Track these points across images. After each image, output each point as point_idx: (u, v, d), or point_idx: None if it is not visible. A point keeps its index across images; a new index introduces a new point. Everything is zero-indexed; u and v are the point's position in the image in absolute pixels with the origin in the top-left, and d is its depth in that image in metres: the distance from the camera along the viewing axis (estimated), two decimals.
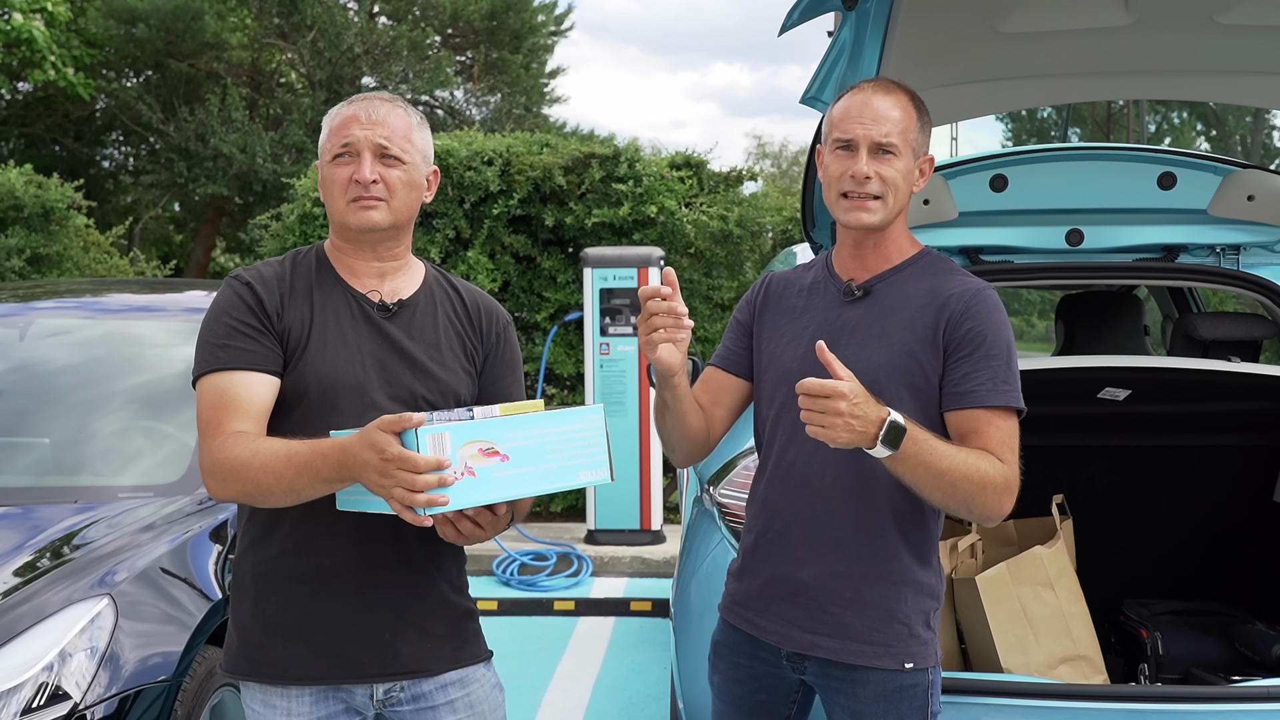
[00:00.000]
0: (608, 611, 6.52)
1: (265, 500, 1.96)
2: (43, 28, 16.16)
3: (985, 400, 2.12)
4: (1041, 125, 37.16)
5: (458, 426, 1.83)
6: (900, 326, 2.19)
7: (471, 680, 2.22)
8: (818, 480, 2.21)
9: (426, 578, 2.16)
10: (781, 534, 2.26)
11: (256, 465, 1.92)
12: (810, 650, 2.23)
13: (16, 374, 4.06)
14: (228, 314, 2.08)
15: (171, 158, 18.63)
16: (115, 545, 3.13)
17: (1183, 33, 2.84)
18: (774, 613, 2.27)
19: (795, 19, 2.71)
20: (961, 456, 2.05)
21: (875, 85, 2.25)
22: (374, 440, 1.79)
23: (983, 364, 2.13)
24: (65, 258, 9.47)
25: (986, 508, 2.09)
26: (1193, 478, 3.87)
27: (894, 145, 2.18)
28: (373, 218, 2.11)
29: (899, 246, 2.28)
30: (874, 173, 2.18)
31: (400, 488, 1.77)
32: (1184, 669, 3.49)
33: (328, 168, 2.13)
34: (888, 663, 2.18)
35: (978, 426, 2.13)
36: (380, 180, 2.10)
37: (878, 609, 2.19)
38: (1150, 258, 3.58)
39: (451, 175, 8.11)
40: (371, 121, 2.11)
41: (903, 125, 2.19)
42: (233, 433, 1.99)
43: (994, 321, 2.16)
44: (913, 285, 2.23)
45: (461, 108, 21.28)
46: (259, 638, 2.11)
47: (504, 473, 1.87)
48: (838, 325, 2.24)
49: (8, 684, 2.65)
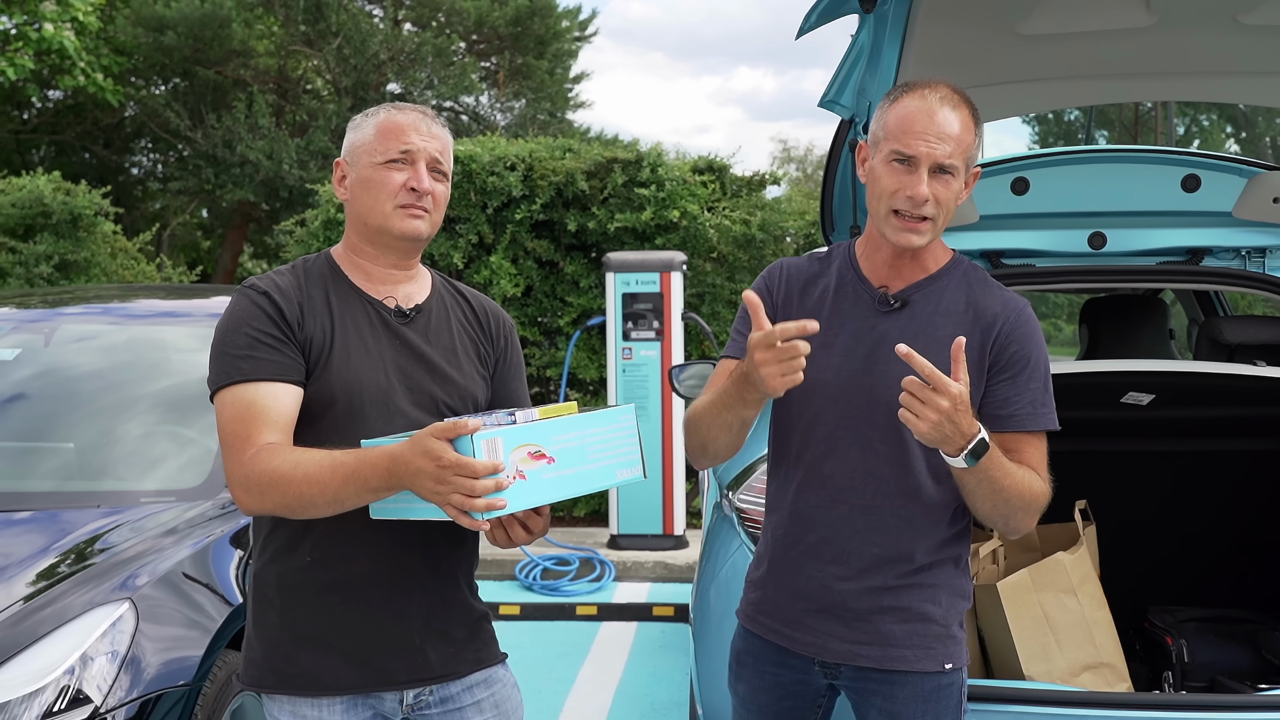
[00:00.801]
0: (630, 616, 6.52)
1: (304, 512, 1.95)
2: (72, 37, 16.31)
3: (1026, 425, 2.15)
4: (1069, 128, 36.96)
5: (509, 431, 1.84)
6: (942, 344, 2.11)
7: (495, 680, 2.24)
8: (857, 496, 2.19)
9: (452, 583, 2.18)
10: (816, 548, 2.23)
11: (299, 477, 1.91)
12: (851, 660, 2.21)
13: (42, 379, 4.09)
14: (248, 324, 2.06)
15: (199, 164, 18.79)
16: (137, 550, 3.15)
17: (1205, 34, 2.81)
18: (807, 625, 2.24)
19: (813, 22, 2.70)
20: (1020, 475, 2.08)
21: (942, 95, 2.11)
22: (429, 448, 1.79)
23: (1024, 387, 2.14)
24: (93, 264, 9.56)
25: (1023, 524, 2.15)
26: (1218, 483, 3.83)
27: (955, 167, 2.10)
28: (419, 227, 2.13)
29: (934, 255, 2.23)
30: (932, 194, 2.08)
31: (459, 494, 1.78)
32: (1210, 677, 3.45)
33: (378, 170, 2.11)
34: (929, 665, 2.18)
35: (1017, 447, 2.15)
36: (430, 193, 2.13)
37: (916, 614, 2.19)
38: (1174, 261, 3.54)
39: (474, 180, 8.13)
40: (431, 134, 2.14)
41: (965, 144, 2.11)
42: (265, 445, 1.96)
43: (1036, 342, 2.17)
44: (950, 298, 2.19)
45: (486, 113, 21.35)
46: (288, 649, 2.10)
47: (551, 474, 1.89)
48: (875, 336, 2.19)
49: (30, 687, 2.66)
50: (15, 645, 2.73)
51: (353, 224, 2.19)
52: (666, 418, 7.44)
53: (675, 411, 7.42)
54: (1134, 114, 28.38)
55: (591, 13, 26.42)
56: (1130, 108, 29.50)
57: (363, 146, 2.14)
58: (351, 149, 2.17)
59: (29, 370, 4.10)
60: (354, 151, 2.16)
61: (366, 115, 2.19)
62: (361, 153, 2.14)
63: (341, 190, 2.19)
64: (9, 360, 4.11)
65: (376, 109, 2.19)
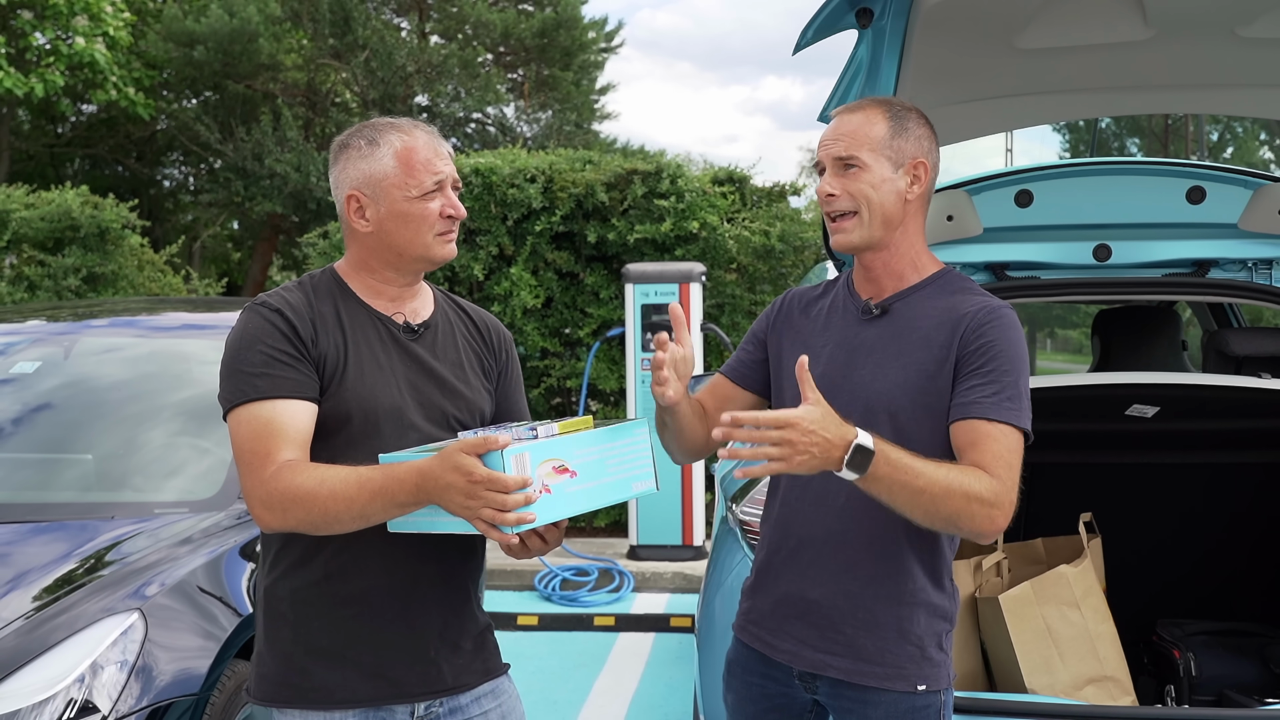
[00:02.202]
0: (648, 627, 6.52)
1: (328, 528, 1.95)
2: (104, 51, 16.53)
3: (987, 412, 2.05)
4: (1101, 136, 36.71)
5: (536, 446, 1.88)
6: (915, 345, 2.16)
7: (501, 691, 2.27)
8: (833, 500, 2.20)
9: (463, 594, 2.21)
10: (795, 552, 2.25)
11: (325, 493, 1.91)
12: (822, 670, 2.22)
13: (61, 392, 4.16)
14: (262, 342, 2.05)
15: (229, 177, 18.97)
16: (149, 560, 3.20)
17: (1203, 47, 2.80)
18: (786, 631, 2.26)
19: (809, 38, 2.71)
20: (941, 473, 1.97)
21: (847, 106, 2.22)
22: (459, 463, 1.82)
23: (990, 377, 2.07)
24: (120, 276, 9.67)
25: (975, 523, 2.00)
26: (1227, 496, 3.80)
27: (855, 158, 2.14)
28: (454, 250, 2.20)
29: (913, 264, 2.22)
30: (840, 189, 2.16)
31: (490, 508, 1.81)
32: (1218, 690, 3.43)
33: (415, 204, 2.11)
34: (900, 685, 2.16)
35: (976, 439, 2.05)
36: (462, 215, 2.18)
37: (890, 629, 2.17)
38: (1180, 273, 3.53)
39: (495, 192, 8.19)
40: (447, 154, 2.17)
41: (865, 135, 2.15)
42: (286, 462, 1.97)
43: (1007, 338, 2.11)
44: (930, 304, 2.19)
45: (512, 125, 21.46)
46: (303, 663, 2.11)
47: (573, 488, 1.93)
48: (855, 344, 2.22)
49: (39, 696, 2.71)
50: (27, 654, 2.78)
51: (376, 252, 2.16)
52: None
53: None
54: (1164, 123, 28.18)
55: (618, 24, 26.55)
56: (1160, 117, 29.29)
57: (387, 180, 2.11)
58: (369, 181, 2.12)
59: (49, 383, 4.17)
60: (374, 184, 2.12)
61: (371, 143, 2.14)
62: (389, 186, 2.11)
63: (362, 223, 2.14)
64: (30, 373, 4.18)
65: (375, 132, 2.15)
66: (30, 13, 16.48)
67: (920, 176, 2.19)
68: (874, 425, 2.07)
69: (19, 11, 16.48)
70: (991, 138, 15.31)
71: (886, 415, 2.14)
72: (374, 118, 2.25)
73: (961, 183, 3.56)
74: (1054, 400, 3.55)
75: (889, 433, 2.11)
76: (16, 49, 16.66)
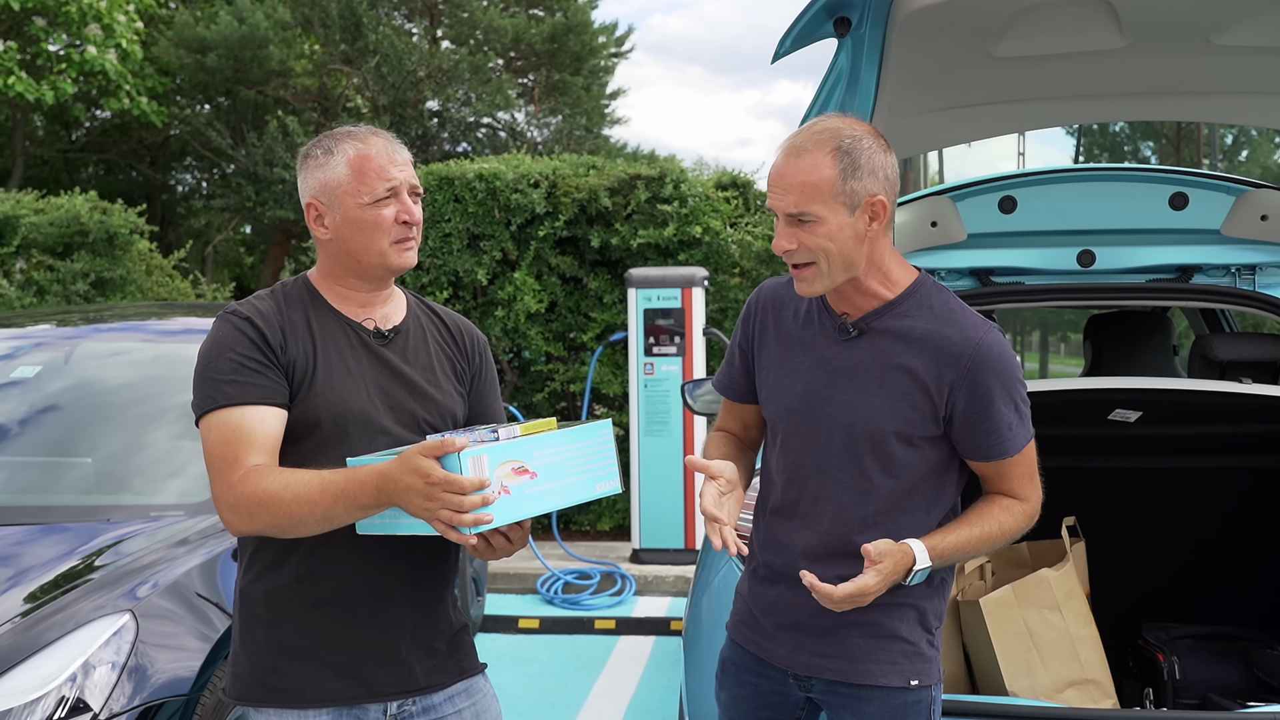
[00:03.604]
0: (648, 631, 6.55)
1: (294, 531, 1.99)
2: (115, 61, 16.64)
3: (1005, 450, 2.18)
4: (1114, 140, 36.56)
5: (494, 448, 1.91)
6: (899, 374, 2.15)
7: (476, 691, 2.30)
8: (818, 523, 2.23)
9: (435, 595, 2.24)
10: (783, 569, 2.28)
11: (289, 497, 1.95)
12: (819, 673, 2.26)
13: (63, 396, 4.22)
14: (231, 349, 2.08)
15: (240, 182, 19.06)
16: (144, 561, 3.25)
17: (1179, 55, 2.82)
18: (780, 638, 2.30)
19: (788, 46, 2.73)
20: (978, 531, 2.20)
21: (791, 145, 2.12)
22: (417, 466, 1.85)
23: (999, 418, 2.15)
24: (129, 281, 9.74)
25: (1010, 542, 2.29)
26: (1212, 500, 3.82)
27: (809, 214, 2.07)
28: (413, 258, 2.19)
29: (885, 281, 2.19)
30: (796, 243, 2.10)
31: (447, 509, 1.85)
32: (1202, 694, 3.45)
33: (367, 210, 2.12)
34: (894, 680, 2.21)
35: (1000, 471, 2.22)
36: (419, 221, 2.18)
37: (883, 629, 2.22)
38: (1164, 278, 3.55)
39: (498, 198, 8.23)
40: (402, 160, 2.16)
41: (814, 187, 2.07)
42: (253, 467, 2.00)
43: (997, 374, 2.13)
44: (909, 325, 2.16)
45: (523, 129, 21.50)
46: (275, 663, 2.15)
47: (534, 489, 1.96)
48: (835, 364, 2.21)
49: (31, 695, 2.76)
50: (20, 653, 2.83)
51: (338, 259, 2.20)
52: (688, 432, 7.48)
53: (697, 426, 7.46)
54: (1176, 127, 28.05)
55: (628, 29, 26.50)
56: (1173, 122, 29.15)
57: (341, 188, 2.13)
58: (325, 189, 2.15)
59: (50, 387, 4.23)
60: (329, 192, 2.15)
61: (329, 151, 2.17)
62: (342, 194, 2.13)
63: (321, 230, 2.17)
64: (31, 377, 4.24)
65: (332, 141, 2.17)
66: (44, 19, 16.60)
67: (878, 214, 2.11)
68: (857, 451, 2.16)
69: (33, 18, 16.60)
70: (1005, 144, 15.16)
71: (870, 445, 2.17)
72: (386, 123, 2.26)
73: (946, 189, 3.58)
74: (1037, 406, 3.56)
75: (872, 459, 2.18)
76: (29, 55, 16.79)
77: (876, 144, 2.12)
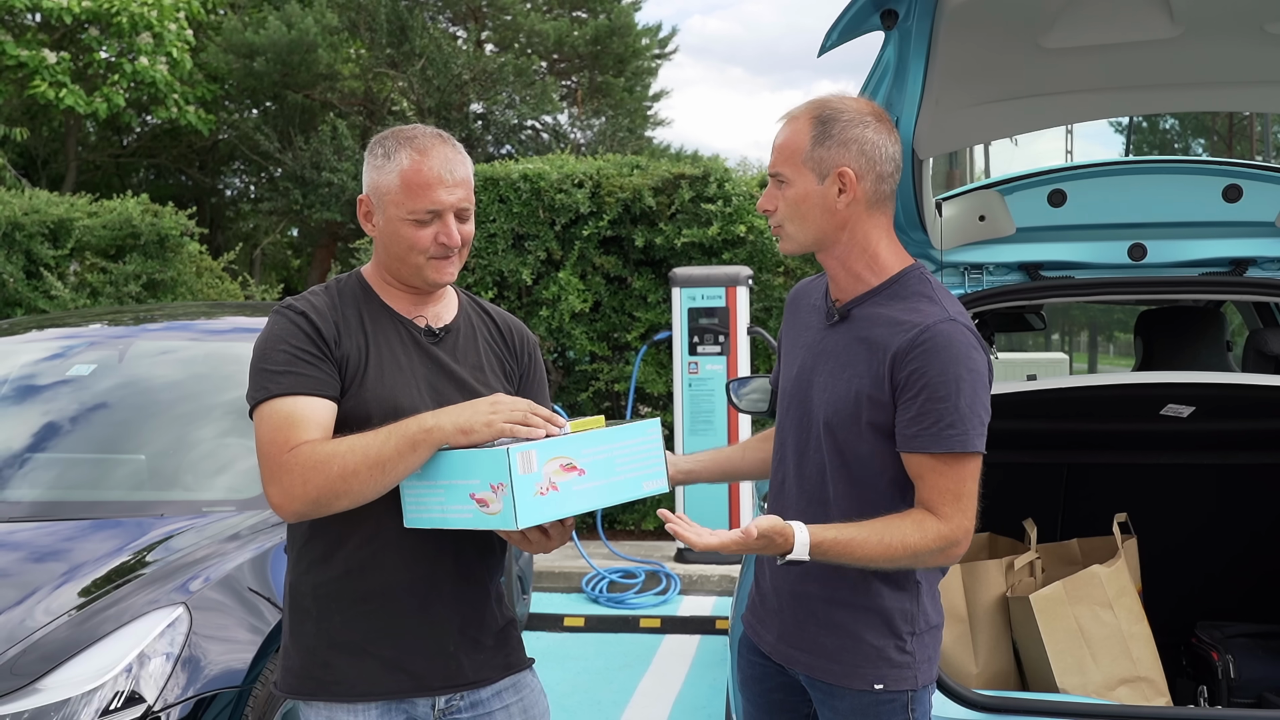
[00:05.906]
0: (693, 629, 6.55)
1: (346, 493, 1.97)
2: (165, 72, 16.87)
3: (927, 446, 2.06)
4: (1164, 137, 36.13)
5: (543, 444, 1.93)
6: (860, 359, 2.15)
7: (524, 686, 2.31)
8: (794, 501, 2.26)
9: (482, 591, 2.26)
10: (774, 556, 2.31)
11: (344, 449, 1.97)
12: (791, 664, 2.30)
13: (116, 393, 4.28)
14: (286, 342, 2.11)
15: (288, 185, 19.27)
16: (196, 555, 3.29)
17: (1232, 44, 2.77)
18: (768, 624, 2.36)
19: (834, 40, 2.71)
20: (876, 538, 2.04)
21: (787, 112, 2.25)
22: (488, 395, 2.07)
23: (925, 408, 2.05)
24: (179, 282, 9.89)
25: (934, 561, 2.11)
26: (1266, 496, 3.76)
27: (780, 173, 2.18)
28: (450, 275, 2.21)
29: (871, 266, 2.20)
30: (772, 204, 2.21)
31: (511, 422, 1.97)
32: (1258, 693, 3.40)
33: (405, 226, 2.14)
34: (856, 683, 2.19)
35: (920, 473, 2.09)
36: (459, 244, 2.18)
37: (845, 631, 2.21)
38: (1217, 272, 3.49)
39: (543, 198, 8.27)
40: (455, 183, 2.15)
41: (790, 148, 2.17)
42: (303, 441, 2.02)
43: (938, 361, 2.05)
44: (884, 310, 2.17)
45: (566, 131, 21.59)
46: (325, 656, 2.17)
47: (581, 486, 1.97)
48: (820, 350, 2.25)
49: (88, 686, 2.80)
50: (76, 645, 2.88)
51: (383, 259, 2.23)
52: (732, 431, 7.48)
53: (741, 425, 7.45)
54: (1228, 122, 27.69)
55: (671, 30, 26.59)
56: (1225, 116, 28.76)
57: (389, 196, 2.15)
58: (376, 191, 2.17)
59: (104, 384, 4.29)
60: (379, 194, 2.17)
61: (388, 154, 2.17)
62: (388, 202, 2.15)
63: (369, 226, 2.21)
64: (86, 375, 4.31)
65: (395, 144, 2.17)
66: (96, 29, 16.86)
67: (848, 185, 2.14)
68: (831, 432, 2.17)
69: (86, 27, 16.87)
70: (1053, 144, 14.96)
71: (826, 430, 2.18)
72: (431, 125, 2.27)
73: (994, 183, 3.55)
74: (1087, 400, 3.53)
75: (828, 446, 2.18)
76: (80, 65, 17.05)
77: (866, 120, 2.15)
